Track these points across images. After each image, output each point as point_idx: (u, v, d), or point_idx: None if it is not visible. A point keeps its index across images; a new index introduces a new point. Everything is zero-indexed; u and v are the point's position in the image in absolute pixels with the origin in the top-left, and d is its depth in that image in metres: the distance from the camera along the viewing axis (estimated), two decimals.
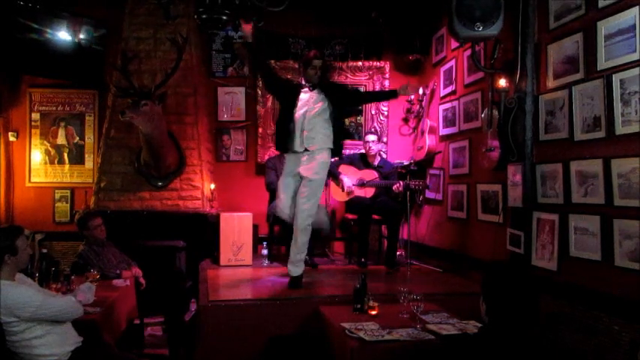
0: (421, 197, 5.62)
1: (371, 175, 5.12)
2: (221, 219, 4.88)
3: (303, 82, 4.06)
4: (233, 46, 5.98)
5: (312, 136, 3.96)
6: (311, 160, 3.97)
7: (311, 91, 4.01)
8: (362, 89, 6.02)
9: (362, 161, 5.22)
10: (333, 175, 5.17)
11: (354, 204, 5.12)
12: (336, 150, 4.08)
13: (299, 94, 4.02)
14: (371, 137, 5.20)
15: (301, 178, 3.99)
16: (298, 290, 3.85)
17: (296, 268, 3.98)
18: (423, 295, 2.96)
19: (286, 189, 4.06)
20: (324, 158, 3.99)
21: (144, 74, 5.43)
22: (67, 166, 6.01)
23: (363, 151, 5.37)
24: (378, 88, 6.07)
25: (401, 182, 4.87)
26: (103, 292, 3.41)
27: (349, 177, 5.09)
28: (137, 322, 4.18)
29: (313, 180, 3.94)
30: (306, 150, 3.97)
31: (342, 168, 5.20)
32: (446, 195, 5.12)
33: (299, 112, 3.97)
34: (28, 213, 5.88)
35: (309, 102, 3.99)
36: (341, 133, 4.13)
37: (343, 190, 5.11)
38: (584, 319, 3.06)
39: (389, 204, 5.02)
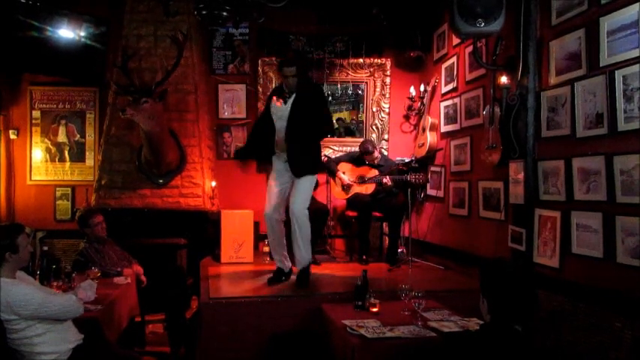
0: (422, 193, 5.61)
1: (371, 172, 5.11)
2: (222, 216, 4.88)
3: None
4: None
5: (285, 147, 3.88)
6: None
7: (287, 97, 3.88)
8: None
9: (361, 159, 5.21)
10: (332, 172, 5.16)
11: (354, 201, 5.12)
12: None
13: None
14: (373, 155, 5.14)
15: (290, 179, 3.97)
16: (299, 288, 3.85)
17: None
18: (425, 292, 2.97)
19: (270, 192, 4.03)
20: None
21: (144, 71, 5.42)
22: (67, 164, 6.01)
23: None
24: (379, 85, 6.06)
25: (389, 177, 4.86)
26: (104, 289, 3.42)
27: (348, 174, 5.09)
28: (138, 319, 4.17)
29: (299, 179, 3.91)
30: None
31: (342, 166, 5.20)
32: (447, 192, 5.10)
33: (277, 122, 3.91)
34: (29, 211, 5.88)
35: (282, 109, 3.89)
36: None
37: (343, 188, 5.11)
38: (586, 316, 3.05)
39: (390, 201, 5.01)
